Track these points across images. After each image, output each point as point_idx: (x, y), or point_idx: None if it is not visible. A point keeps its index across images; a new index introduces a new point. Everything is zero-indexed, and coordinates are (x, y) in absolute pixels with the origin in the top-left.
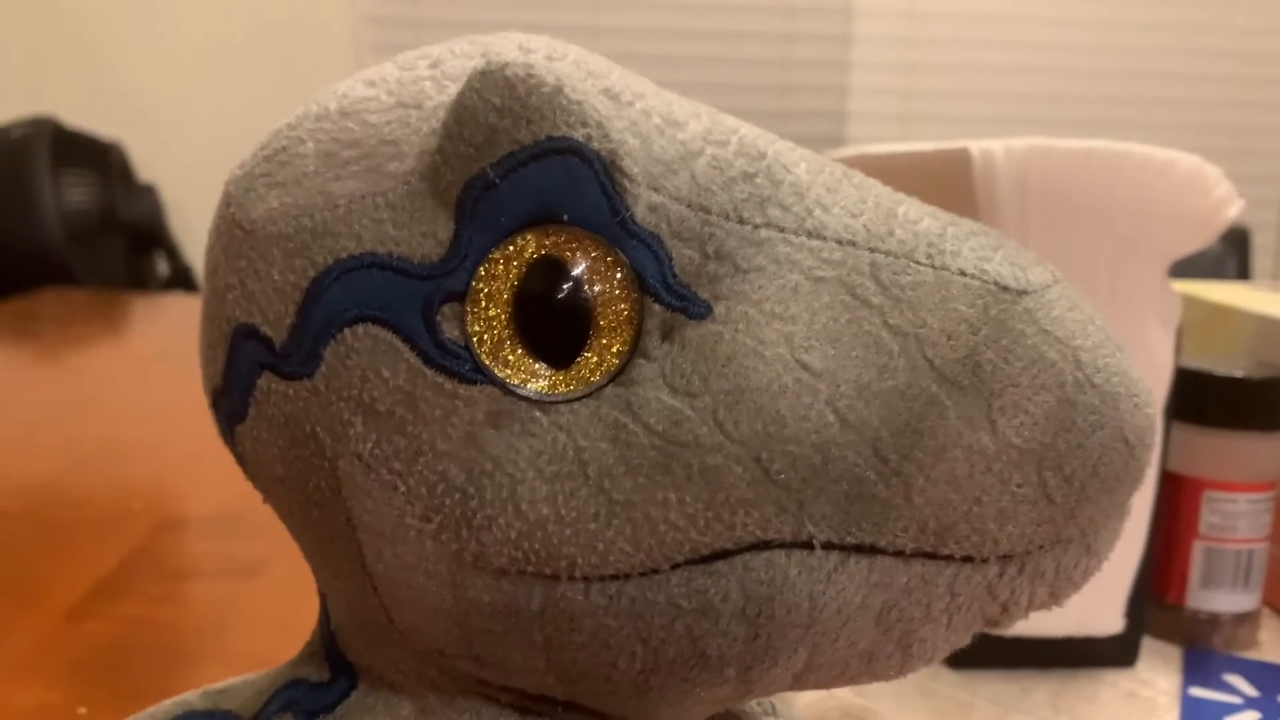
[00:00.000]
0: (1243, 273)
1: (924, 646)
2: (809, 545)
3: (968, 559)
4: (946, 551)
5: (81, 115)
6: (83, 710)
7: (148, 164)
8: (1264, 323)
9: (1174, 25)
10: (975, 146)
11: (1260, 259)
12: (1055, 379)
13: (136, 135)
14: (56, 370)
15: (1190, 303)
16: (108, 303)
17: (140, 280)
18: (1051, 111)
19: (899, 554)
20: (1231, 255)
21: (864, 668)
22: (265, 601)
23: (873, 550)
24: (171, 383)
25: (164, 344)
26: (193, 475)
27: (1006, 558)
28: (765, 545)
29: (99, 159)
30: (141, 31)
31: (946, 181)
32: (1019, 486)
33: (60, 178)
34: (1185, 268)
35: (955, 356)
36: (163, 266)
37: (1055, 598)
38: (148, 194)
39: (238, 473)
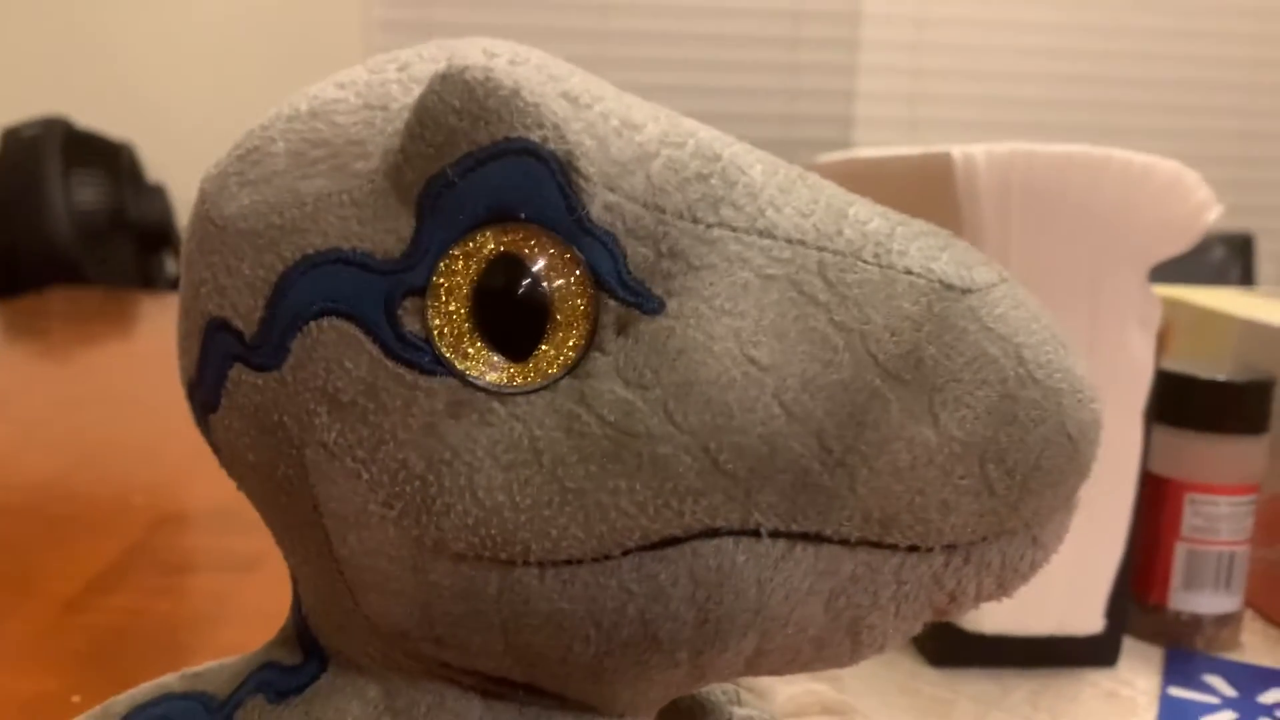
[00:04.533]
0: (1246, 279)
1: (873, 634)
2: (756, 533)
3: (913, 548)
4: (891, 541)
5: (93, 115)
6: (77, 699)
7: (158, 164)
8: (1251, 327)
9: (1181, 33)
10: (958, 151)
11: (1265, 265)
12: (997, 374)
13: (147, 136)
14: (64, 368)
15: (1180, 307)
16: (116, 302)
17: (149, 280)
18: (1056, 117)
19: (844, 542)
20: (1235, 262)
21: (815, 654)
22: (261, 595)
23: (819, 539)
24: (176, 381)
25: (171, 343)
26: (194, 472)
27: (951, 548)
28: (714, 533)
29: (110, 159)
30: (153, 33)
31: (930, 186)
32: (961, 478)
33: (71, 177)
34: (1186, 273)
35: (898, 352)
36: (171, 266)
37: (1002, 588)
38: (157, 194)
39: None
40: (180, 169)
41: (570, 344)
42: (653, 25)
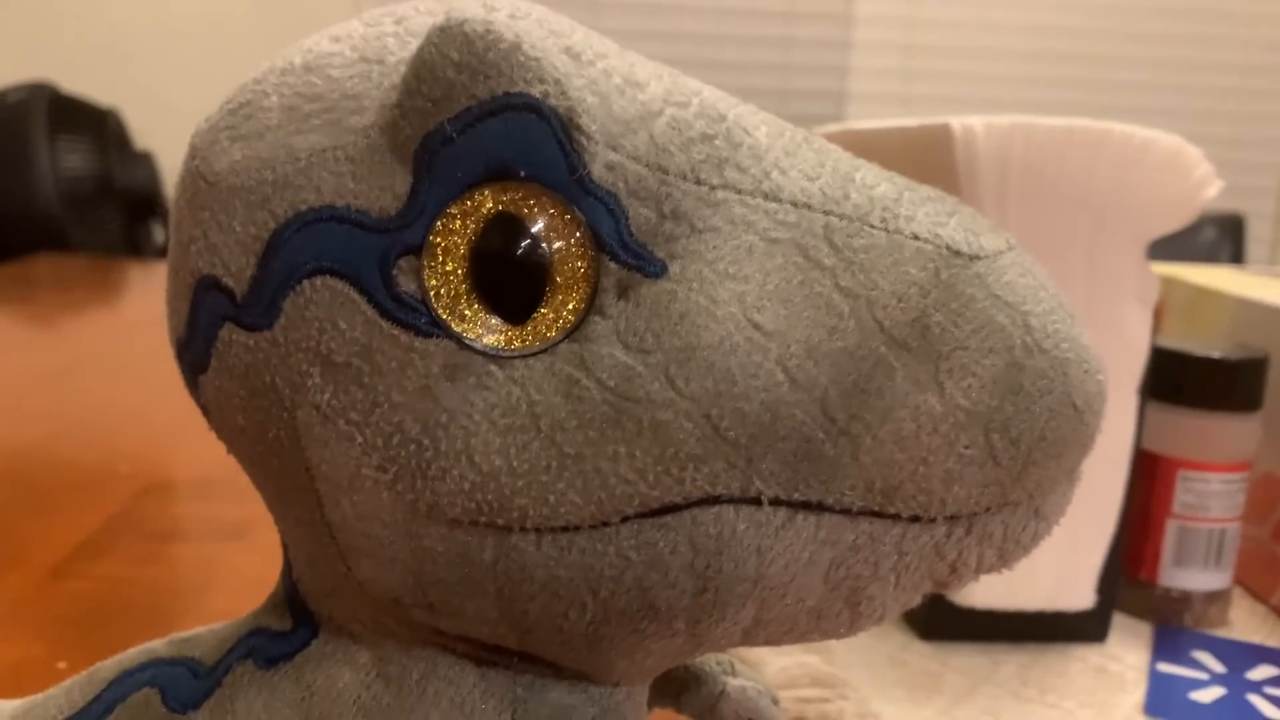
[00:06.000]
0: (1236, 260)
1: (872, 605)
2: (757, 501)
3: (915, 519)
4: (893, 510)
5: (79, 81)
6: (62, 665)
7: (145, 131)
8: (1245, 305)
9: (1175, 11)
10: (957, 123)
11: (1255, 247)
12: (1004, 343)
13: (134, 102)
14: (50, 335)
15: (1175, 285)
16: (103, 269)
17: (136, 248)
18: (1050, 95)
19: (846, 512)
20: (1226, 243)
21: (813, 625)
22: (247, 563)
23: (820, 508)
24: (164, 349)
25: (158, 311)
26: (180, 440)
27: (954, 519)
28: (714, 500)
29: (96, 125)
30: None
31: (929, 157)
32: (966, 448)
33: (57, 143)
34: (1177, 253)
35: (905, 319)
36: (159, 234)
37: (1004, 560)
38: (145, 161)
39: None
40: (168, 136)
41: (570, 307)
42: None
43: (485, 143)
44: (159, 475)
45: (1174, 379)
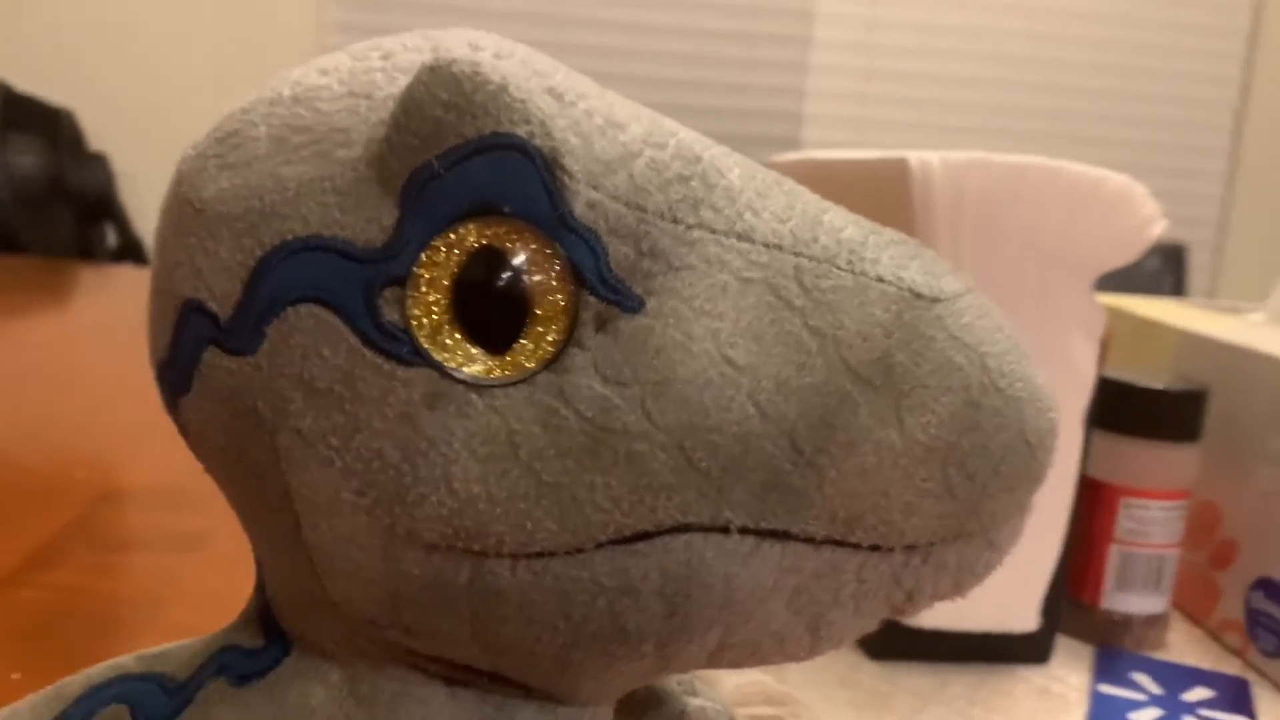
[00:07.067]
0: (1178, 289)
1: (832, 630)
2: (726, 530)
3: (875, 548)
4: (855, 540)
5: (32, 80)
6: (16, 676)
7: (99, 133)
8: (1187, 338)
9: (1120, 45)
10: (914, 157)
11: (1196, 276)
12: (961, 382)
13: (89, 103)
14: (1, 338)
15: (1120, 316)
16: (55, 272)
17: (89, 250)
18: (1001, 121)
19: (810, 541)
20: (1168, 272)
21: (775, 648)
22: (204, 574)
23: (786, 536)
24: (117, 355)
25: (111, 315)
26: (135, 447)
27: (911, 548)
28: (685, 528)
29: (49, 125)
30: None
31: (886, 190)
32: (924, 481)
33: (9, 143)
34: (1121, 283)
35: (869, 357)
36: (111, 237)
37: (958, 588)
38: (98, 163)
39: (180, 446)
40: (122, 138)
41: (549, 339)
42: (608, 13)
43: (471, 180)
44: (115, 483)
45: (1118, 409)
